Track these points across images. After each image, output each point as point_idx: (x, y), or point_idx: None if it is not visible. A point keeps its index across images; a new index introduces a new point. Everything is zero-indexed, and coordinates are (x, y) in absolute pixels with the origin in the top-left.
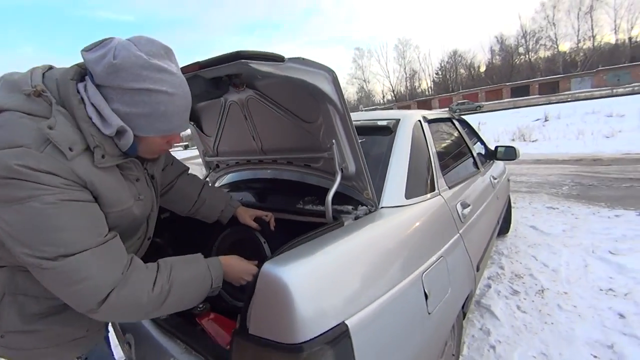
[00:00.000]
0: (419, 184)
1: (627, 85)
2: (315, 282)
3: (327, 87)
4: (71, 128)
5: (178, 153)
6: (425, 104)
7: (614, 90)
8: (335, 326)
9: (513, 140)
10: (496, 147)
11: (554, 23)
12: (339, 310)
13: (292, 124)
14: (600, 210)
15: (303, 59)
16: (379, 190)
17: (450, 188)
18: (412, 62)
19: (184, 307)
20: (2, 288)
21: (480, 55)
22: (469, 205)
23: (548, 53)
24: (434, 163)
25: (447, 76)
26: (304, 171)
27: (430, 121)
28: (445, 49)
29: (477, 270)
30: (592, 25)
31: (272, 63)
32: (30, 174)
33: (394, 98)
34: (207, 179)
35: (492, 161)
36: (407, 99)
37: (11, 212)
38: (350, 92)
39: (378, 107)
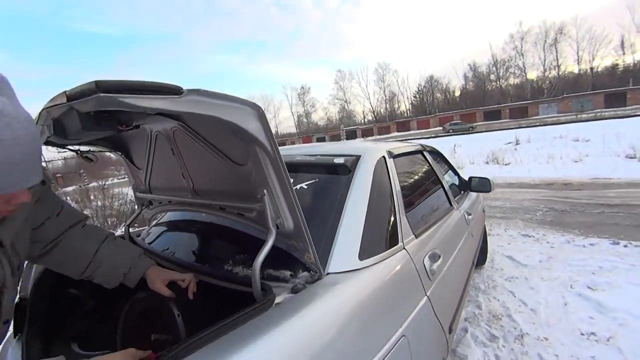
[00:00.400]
0: (378, 237)
1: (589, 112)
2: None
3: (251, 126)
4: None
5: None
6: (404, 126)
7: (579, 116)
8: None
9: (487, 162)
10: (470, 178)
11: (522, 53)
12: None
13: (222, 165)
14: (575, 239)
15: (210, 91)
16: (326, 250)
17: (417, 236)
18: (392, 85)
19: None
20: None
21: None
22: (439, 257)
23: (517, 80)
24: (398, 208)
25: (425, 99)
26: (239, 220)
27: (396, 156)
28: (422, 73)
29: (450, 332)
30: (557, 56)
31: (162, 97)
32: None
33: (374, 118)
34: (143, 215)
35: (466, 192)
36: (387, 119)
37: None
38: (332, 111)
39: (359, 126)
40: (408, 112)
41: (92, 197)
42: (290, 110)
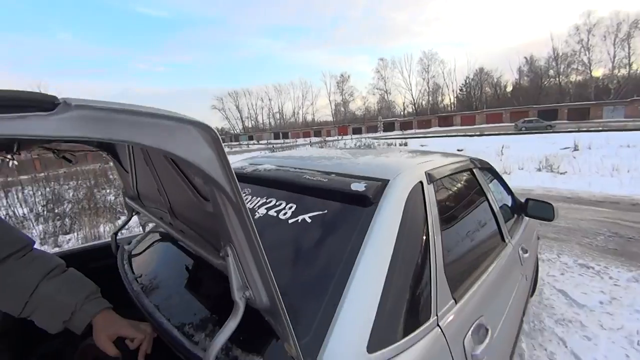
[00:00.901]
0: (401, 311)
1: None
2: None
3: (198, 155)
4: None
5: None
6: (446, 120)
7: None
8: None
9: (539, 170)
10: (527, 201)
11: (588, 47)
12: None
13: (189, 192)
14: None
15: (124, 107)
16: (321, 332)
17: (457, 300)
18: (437, 77)
19: None
20: None
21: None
22: (486, 332)
23: (580, 77)
24: (435, 261)
25: (472, 93)
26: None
27: (437, 179)
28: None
29: None
30: (629, 53)
31: (23, 115)
32: None
33: (414, 111)
34: (136, 220)
35: (520, 216)
36: (428, 113)
37: None
38: (370, 101)
39: (398, 118)
40: (452, 106)
41: (111, 177)
42: (328, 99)
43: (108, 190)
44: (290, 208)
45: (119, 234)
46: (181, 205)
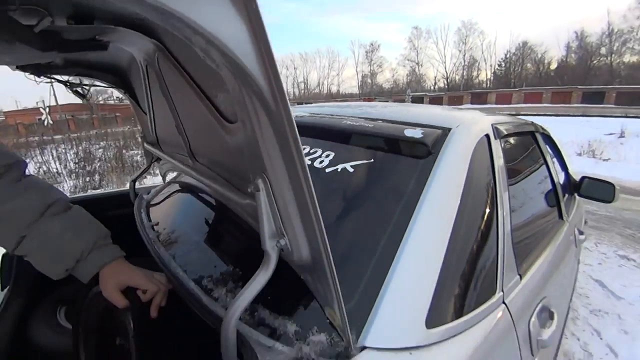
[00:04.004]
0: (465, 285)
1: None
2: None
3: (225, 31)
4: None
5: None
6: (480, 97)
7: None
8: None
9: (580, 154)
10: (583, 178)
11: None
12: None
13: (210, 119)
14: None
15: None
16: (366, 304)
17: (522, 276)
18: (474, 49)
19: None
20: None
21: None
22: (552, 315)
23: (635, 58)
24: (504, 228)
25: (511, 69)
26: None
27: (504, 136)
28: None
29: None
30: None
31: None
32: None
33: (446, 86)
34: (154, 168)
35: (572, 196)
36: (461, 88)
37: None
38: (400, 74)
39: (428, 93)
40: (488, 82)
41: (139, 139)
42: (355, 69)
43: (136, 151)
44: (327, 156)
45: (138, 182)
46: (201, 143)
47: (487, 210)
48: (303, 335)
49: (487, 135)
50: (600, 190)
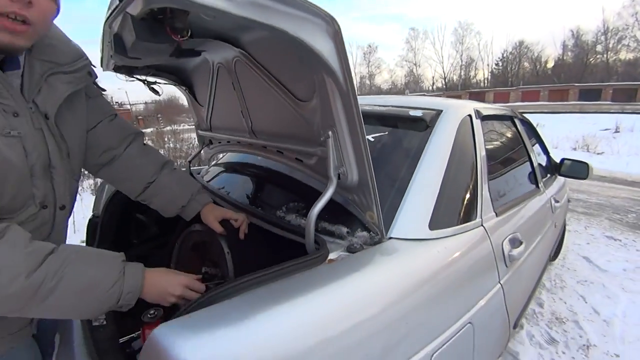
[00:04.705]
0: (454, 207)
1: None
2: None
3: (322, 46)
4: None
5: None
6: (477, 96)
7: None
8: None
9: (575, 149)
10: (562, 160)
11: None
12: None
13: (283, 102)
14: None
15: None
16: (391, 212)
17: (498, 215)
18: (471, 49)
19: (70, 316)
20: None
21: (550, 49)
22: (520, 243)
23: (630, 55)
24: (481, 178)
25: (508, 68)
26: (296, 167)
27: (484, 117)
28: (510, 38)
29: (514, 327)
30: None
31: None
32: None
33: (444, 86)
34: (202, 153)
35: (553, 176)
36: (459, 88)
37: None
38: (398, 74)
39: (426, 93)
40: (486, 81)
41: (165, 139)
42: (354, 71)
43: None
44: None
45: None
46: (265, 121)
47: (469, 164)
48: (352, 233)
49: (470, 115)
50: (577, 169)
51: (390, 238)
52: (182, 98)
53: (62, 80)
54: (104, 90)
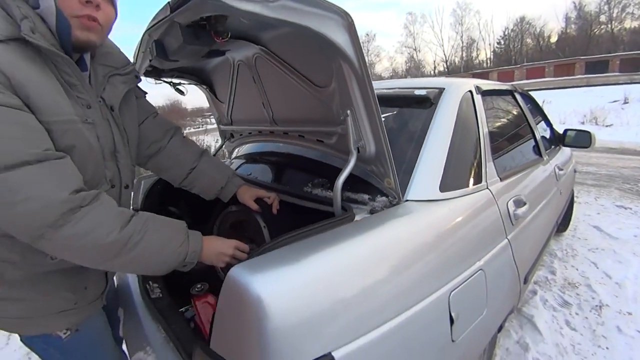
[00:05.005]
0: (461, 172)
1: None
2: (301, 297)
3: (339, 38)
4: None
5: None
6: (481, 77)
7: None
8: (318, 358)
9: (583, 123)
10: (565, 131)
11: None
12: (328, 336)
13: (302, 90)
14: None
15: None
16: (405, 179)
17: (502, 179)
18: (471, 30)
19: (146, 270)
20: None
21: (552, 24)
22: (524, 204)
23: (635, 24)
24: (484, 146)
25: (511, 46)
26: (317, 148)
27: (484, 93)
28: (510, 15)
29: (525, 282)
30: None
31: (257, 1)
32: None
33: (446, 69)
34: (224, 148)
35: (557, 147)
36: (462, 70)
37: None
38: (398, 62)
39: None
40: (489, 61)
41: None
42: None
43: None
44: None
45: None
46: (285, 109)
47: (472, 134)
48: (372, 199)
49: (470, 91)
50: (580, 139)
51: (407, 200)
52: (184, 102)
53: (120, 80)
54: (146, 92)
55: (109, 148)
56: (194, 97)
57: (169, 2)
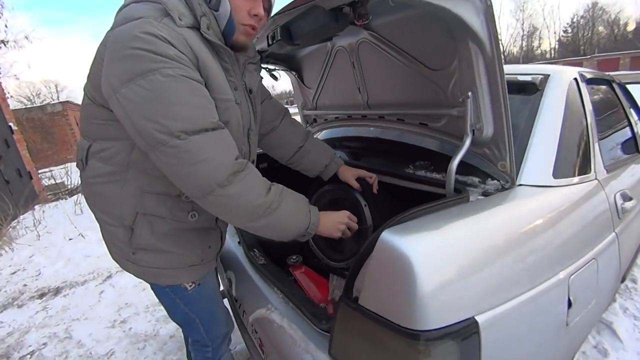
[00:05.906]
0: (571, 161)
1: None
2: (445, 263)
3: (474, 21)
4: (181, 3)
5: None
6: None
7: None
8: (463, 320)
9: None
10: None
11: None
12: (470, 302)
13: (411, 73)
14: None
15: None
16: (517, 163)
17: (608, 172)
18: (534, 17)
19: (275, 234)
20: (135, 208)
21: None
22: (630, 199)
23: None
24: (592, 136)
25: (579, 35)
26: (417, 131)
27: (589, 81)
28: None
29: (622, 281)
30: None
31: None
32: (151, 41)
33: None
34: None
35: None
36: (521, 61)
37: (136, 89)
38: None
39: None
40: (552, 52)
41: None
42: None
43: None
44: None
45: None
46: (385, 93)
47: (581, 122)
48: (483, 182)
49: (576, 79)
50: None
51: (520, 185)
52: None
53: (253, 68)
54: (262, 77)
55: (246, 126)
56: (268, 83)
57: None
